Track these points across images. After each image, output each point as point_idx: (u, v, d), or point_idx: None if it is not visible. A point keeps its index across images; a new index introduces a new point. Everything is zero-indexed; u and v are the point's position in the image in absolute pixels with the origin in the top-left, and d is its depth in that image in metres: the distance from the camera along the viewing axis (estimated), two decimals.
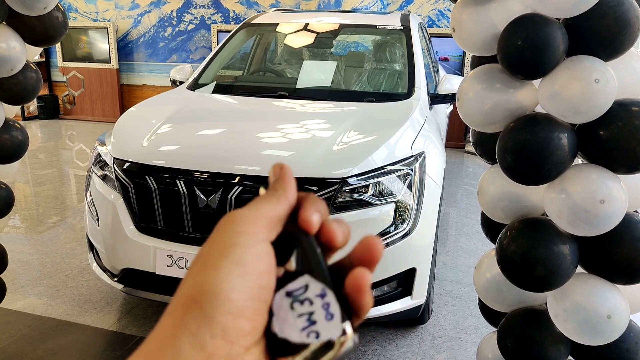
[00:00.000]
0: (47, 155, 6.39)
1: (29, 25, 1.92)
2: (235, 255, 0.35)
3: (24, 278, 3.21)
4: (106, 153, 2.51)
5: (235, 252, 0.35)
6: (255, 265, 0.35)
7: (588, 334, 1.43)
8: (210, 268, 0.34)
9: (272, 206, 0.39)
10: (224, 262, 0.34)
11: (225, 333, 0.33)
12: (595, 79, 1.28)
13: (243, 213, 0.38)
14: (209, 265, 0.35)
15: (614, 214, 1.34)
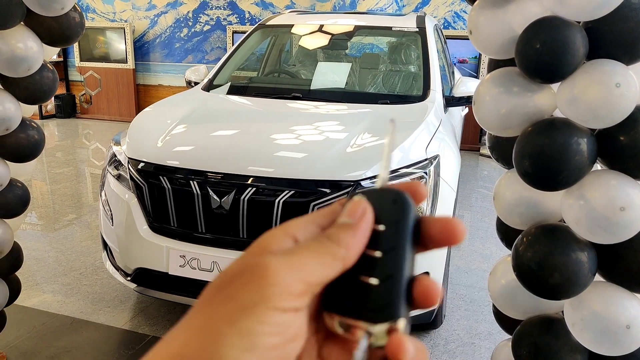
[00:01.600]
0: (63, 153, 6.45)
1: (46, 25, 1.93)
2: (245, 326, 0.29)
3: (39, 275, 3.24)
4: (121, 153, 2.52)
5: (246, 322, 0.29)
6: (268, 340, 0.30)
7: (606, 344, 1.40)
8: (212, 333, 0.29)
9: (320, 269, 0.32)
10: (230, 331, 0.29)
11: None
12: (616, 83, 1.25)
13: (277, 271, 0.31)
14: (212, 328, 0.30)
15: (634, 222, 1.31)
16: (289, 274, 0.31)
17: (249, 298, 0.30)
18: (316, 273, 0.32)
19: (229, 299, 0.30)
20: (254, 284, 0.30)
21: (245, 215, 2.17)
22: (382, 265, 0.34)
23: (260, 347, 0.29)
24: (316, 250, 0.33)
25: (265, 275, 0.31)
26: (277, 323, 0.30)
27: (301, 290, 0.31)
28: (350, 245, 0.33)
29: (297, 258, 0.32)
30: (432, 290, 0.33)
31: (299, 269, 0.31)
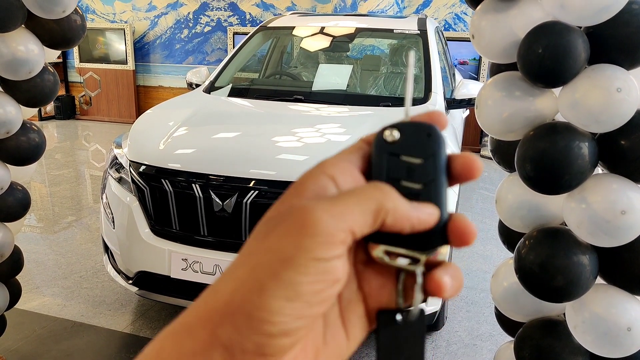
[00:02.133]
0: (63, 155, 6.45)
1: (48, 28, 1.93)
2: (287, 277, 0.30)
3: (39, 278, 3.24)
4: (122, 155, 2.53)
5: (288, 272, 0.30)
6: (311, 288, 0.30)
7: (607, 346, 1.40)
8: (256, 284, 0.30)
9: (363, 219, 0.32)
10: (272, 283, 0.30)
11: (260, 350, 0.30)
12: (617, 88, 1.26)
13: (320, 218, 0.31)
14: (255, 279, 0.30)
15: (635, 225, 1.31)
16: (332, 222, 0.31)
17: (289, 250, 0.30)
18: (360, 222, 0.32)
19: (269, 251, 0.31)
20: (294, 235, 0.31)
21: (247, 218, 2.18)
22: (424, 197, 0.35)
23: (303, 295, 0.30)
24: (362, 198, 0.33)
25: (306, 224, 0.31)
26: (318, 272, 0.30)
27: (343, 238, 0.31)
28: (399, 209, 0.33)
29: (341, 204, 0.32)
30: (468, 229, 0.34)
31: (344, 215, 0.31)
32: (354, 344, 0.36)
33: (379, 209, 0.32)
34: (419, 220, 0.34)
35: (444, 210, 0.35)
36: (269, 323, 0.29)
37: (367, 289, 0.36)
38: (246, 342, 0.30)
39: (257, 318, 0.29)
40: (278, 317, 0.30)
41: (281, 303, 0.30)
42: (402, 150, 0.35)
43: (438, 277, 0.34)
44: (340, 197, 0.32)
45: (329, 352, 0.34)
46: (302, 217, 0.31)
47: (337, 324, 0.35)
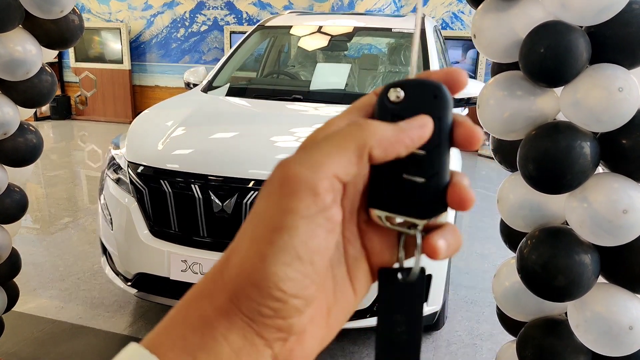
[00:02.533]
0: (59, 156, 6.43)
1: (45, 28, 1.92)
2: (281, 243, 0.30)
3: (36, 280, 3.22)
4: (120, 156, 2.51)
5: (282, 238, 0.31)
6: (310, 246, 0.31)
7: (609, 344, 1.40)
8: (257, 255, 0.31)
9: (350, 158, 0.32)
10: (270, 251, 0.31)
11: (277, 314, 0.31)
12: (618, 88, 1.26)
13: (296, 173, 0.31)
14: (256, 251, 0.31)
15: (636, 224, 1.31)
16: (310, 174, 0.31)
17: (276, 216, 0.31)
18: (343, 164, 0.31)
19: (262, 222, 0.32)
20: (276, 197, 0.31)
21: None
22: (427, 162, 0.34)
23: (301, 255, 0.31)
24: (339, 136, 0.32)
25: (285, 182, 0.31)
26: (310, 229, 0.31)
27: (327, 186, 0.31)
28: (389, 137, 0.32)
29: (317, 152, 0.32)
30: (466, 195, 0.34)
31: (319, 163, 0.31)
32: (360, 298, 0.38)
33: (361, 145, 0.32)
34: (412, 138, 0.33)
35: (445, 176, 0.34)
36: (278, 290, 0.31)
37: (370, 247, 0.37)
38: (262, 308, 0.31)
39: (265, 287, 0.31)
40: (284, 283, 0.31)
41: (284, 269, 0.30)
42: (406, 111, 0.34)
43: (433, 241, 0.34)
44: (316, 145, 0.32)
45: (339, 307, 0.36)
46: (280, 176, 0.31)
47: (346, 281, 0.36)
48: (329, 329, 0.36)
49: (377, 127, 0.32)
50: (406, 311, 0.36)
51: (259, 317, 0.31)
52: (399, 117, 0.34)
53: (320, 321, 0.35)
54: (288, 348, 0.33)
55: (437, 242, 0.34)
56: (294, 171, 0.31)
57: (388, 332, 0.36)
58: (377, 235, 0.36)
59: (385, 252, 0.37)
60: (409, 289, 0.36)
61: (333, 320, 0.36)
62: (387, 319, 0.36)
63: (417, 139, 0.33)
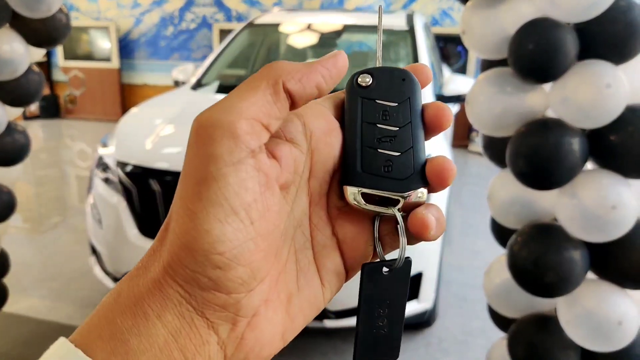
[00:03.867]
0: (48, 155, 6.38)
1: (32, 27, 1.90)
2: (211, 195, 0.28)
3: (25, 280, 3.20)
4: (109, 155, 2.49)
5: (210, 190, 0.28)
6: (240, 199, 0.28)
7: (598, 340, 1.41)
8: (187, 213, 0.28)
9: (266, 97, 0.30)
10: (199, 206, 0.28)
11: (218, 285, 0.28)
12: (606, 84, 1.27)
13: (210, 116, 0.29)
14: (185, 209, 0.28)
15: (625, 220, 1.32)
16: (225, 116, 0.29)
17: (200, 167, 0.28)
18: (259, 104, 0.29)
19: (188, 176, 0.29)
20: (196, 148, 0.29)
21: None
22: (401, 139, 0.34)
23: (236, 209, 0.28)
24: (249, 81, 0.30)
25: (201, 130, 0.29)
26: (239, 179, 0.28)
27: (248, 129, 0.29)
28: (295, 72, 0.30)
29: (229, 97, 0.30)
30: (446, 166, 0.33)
31: (233, 105, 0.29)
32: (330, 292, 0.35)
33: (273, 81, 0.30)
34: (326, 66, 0.32)
35: (421, 153, 0.34)
36: (215, 253, 0.27)
37: (342, 236, 0.34)
38: (200, 278, 0.28)
39: (200, 250, 0.27)
40: (220, 243, 0.27)
41: (218, 226, 0.27)
42: (376, 94, 0.35)
43: (421, 215, 0.32)
44: (230, 93, 0.31)
45: (303, 298, 0.33)
46: (196, 125, 0.29)
47: (312, 270, 0.34)
48: (291, 320, 0.32)
49: (288, 63, 0.31)
50: (389, 305, 0.35)
51: (197, 289, 0.28)
52: (368, 99, 0.35)
53: (277, 306, 0.31)
54: (237, 334, 0.29)
55: (426, 215, 0.32)
56: (207, 117, 0.29)
57: (369, 327, 0.35)
58: (350, 223, 0.34)
59: (359, 241, 0.34)
60: (394, 281, 0.35)
61: (296, 310, 0.33)
62: (369, 314, 0.35)
63: (331, 67, 0.32)
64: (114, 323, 0.28)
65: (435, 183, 0.34)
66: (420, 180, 0.34)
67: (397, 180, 0.34)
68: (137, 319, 0.27)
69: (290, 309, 0.32)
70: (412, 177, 0.34)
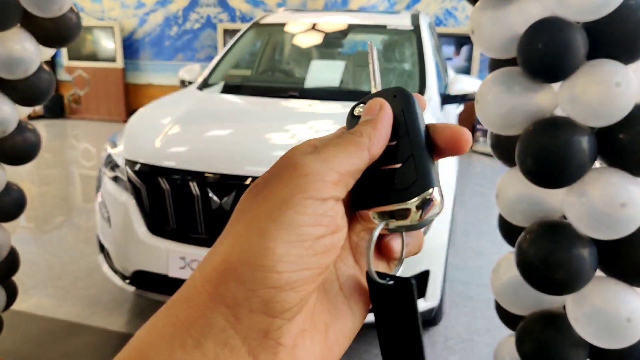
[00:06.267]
0: (53, 155, 6.40)
1: (43, 26, 1.91)
2: (287, 219, 0.29)
3: (33, 279, 3.21)
4: (118, 154, 2.51)
5: (287, 214, 0.29)
6: (312, 231, 0.30)
7: (607, 337, 1.42)
8: (255, 231, 0.29)
9: (348, 159, 0.33)
10: (272, 226, 0.29)
11: (267, 307, 0.28)
12: (616, 83, 1.27)
13: (308, 163, 0.31)
14: (254, 228, 0.30)
15: (634, 218, 1.33)
16: (320, 164, 0.32)
17: (285, 192, 0.30)
18: (345, 163, 0.32)
19: (265, 200, 0.31)
20: (288, 179, 0.31)
21: None
22: (400, 149, 0.35)
23: (305, 237, 0.29)
24: (342, 144, 0.34)
25: (298, 168, 0.31)
26: (317, 213, 0.30)
27: (335, 179, 0.32)
28: (372, 134, 0.34)
29: (325, 152, 0.33)
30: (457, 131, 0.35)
31: (328, 160, 0.32)
32: (359, 320, 0.36)
33: (361, 147, 0.34)
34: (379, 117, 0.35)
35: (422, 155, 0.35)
36: (275, 272, 0.28)
37: (363, 263, 0.36)
38: (252, 297, 0.28)
39: (261, 267, 0.28)
40: (282, 264, 0.28)
41: (284, 247, 0.29)
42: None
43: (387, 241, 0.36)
44: (323, 146, 0.34)
45: (337, 327, 0.34)
46: (293, 165, 0.32)
47: (340, 299, 0.35)
48: (330, 351, 0.33)
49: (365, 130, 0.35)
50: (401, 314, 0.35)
51: (246, 312, 0.28)
52: None
53: (314, 337, 0.32)
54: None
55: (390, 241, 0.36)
56: (305, 161, 0.32)
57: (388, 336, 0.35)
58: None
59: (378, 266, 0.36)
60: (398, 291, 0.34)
61: (332, 340, 0.33)
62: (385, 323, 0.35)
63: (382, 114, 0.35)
64: (147, 356, 0.28)
65: (452, 151, 0.35)
66: (426, 182, 0.34)
67: (403, 190, 0.34)
68: (174, 351, 0.27)
69: (327, 340, 0.33)
70: (416, 183, 0.34)
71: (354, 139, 0.34)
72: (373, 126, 0.35)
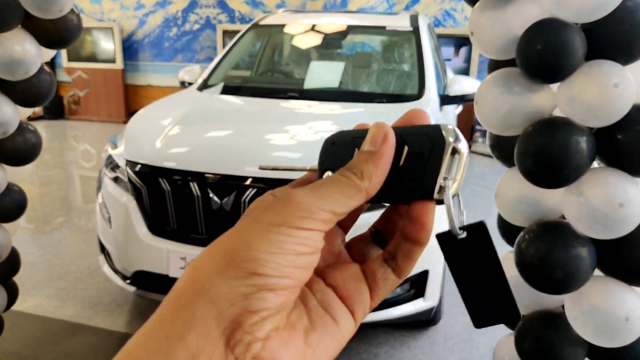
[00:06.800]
0: (52, 156, 6.40)
1: (44, 28, 1.92)
2: (272, 237, 0.32)
3: (34, 279, 3.22)
4: (118, 155, 2.52)
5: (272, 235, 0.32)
6: (295, 247, 0.32)
7: (606, 336, 1.43)
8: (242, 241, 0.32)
9: (345, 201, 0.35)
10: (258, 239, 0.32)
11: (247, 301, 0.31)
12: (614, 84, 1.28)
13: (304, 199, 0.34)
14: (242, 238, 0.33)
15: (632, 217, 1.34)
16: (314, 202, 0.33)
17: (274, 219, 0.33)
18: (340, 204, 0.34)
19: (256, 221, 0.33)
20: (279, 210, 0.33)
21: None
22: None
23: (288, 252, 0.32)
24: (340, 183, 0.35)
25: (292, 202, 0.33)
26: (302, 237, 0.33)
27: (326, 218, 0.34)
28: (372, 176, 0.35)
29: (322, 190, 0.34)
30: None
31: (324, 199, 0.34)
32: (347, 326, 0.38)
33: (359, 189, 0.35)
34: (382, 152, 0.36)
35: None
36: (257, 274, 0.31)
37: (333, 283, 0.38)
38: (234, 292, 0.31)
39: (245, 268, 0.31)
40: (265, 268, 0.31)
41: (267, 256, 0.31)
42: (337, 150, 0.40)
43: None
44: (321, 183, 0.35)
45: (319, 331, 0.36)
46: (288, 198, 0.34)
47: (320, 311, 0.37)
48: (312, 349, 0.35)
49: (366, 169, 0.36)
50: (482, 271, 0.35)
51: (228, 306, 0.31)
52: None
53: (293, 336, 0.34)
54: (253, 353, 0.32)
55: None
56: (300, 197, 0.34)
57: (472, 295, 0.36)
58: (337, 273, 0.39)
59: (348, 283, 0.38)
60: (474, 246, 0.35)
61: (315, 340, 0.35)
62: (464, 283, 0.36)
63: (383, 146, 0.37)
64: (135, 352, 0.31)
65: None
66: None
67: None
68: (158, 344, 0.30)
69: (308, 340, 0.35)
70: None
71: (354, 182, 0.35)
72: (375, 164, 0.36)
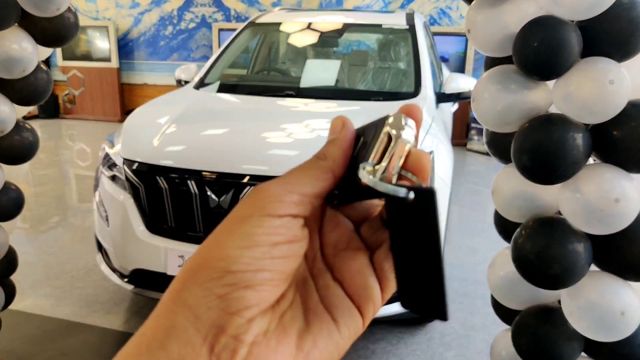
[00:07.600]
0: (47, 155, 6.38)
1: (41, 26, 1.92)
2: (242, 231, 0.32)
3: (30, 278, 3.21)
4: (115, 154, 2.52)
5: (242, 228, 0.32)
6: (267, 238, 0.32)
7: (602, 330, 1.44)
8: (214, 242, 0.33)
9: (311, 182, 0.35)
10: (229, 237, 0.32)
11: (224, 303, 0.30)
12: (609, 80, 1.30)
13: (270, 187, 0.34)
14: (214, 239, 0.33)
15: (628, 213, 1.35)
16: (280, 187, 0.34)
17: (245, 210, 0.33)
18: (307, 185, 0.34)
19: (227, 219, 0.34)
20: (250, 201, 0.34)
21: None
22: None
23: (261, 244, 0.31)
24: (305, 167, 0.35)
25: (259, 190, 0.34)
26: (273, 226, 0.32)
27: (296, 200, 0.33)
28: (334, 155, 0.36)
29: (289, 176, 0.35)
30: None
31: (291, 182, 0.34)
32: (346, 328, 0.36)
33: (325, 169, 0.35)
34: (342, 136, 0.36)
35: None
36: (229, 272, 0.30)
37: (341, 277, 0.37)
38: (209, 295, 0.30)
39: (216, 268, 0.31)
40: (237, 265, 0.31)
41: (238, 252, 0.31)
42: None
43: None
44: (288, 171, 0.36)
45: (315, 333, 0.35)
46: (255, 190, 0.34)
47: (320, 309, 0.36)
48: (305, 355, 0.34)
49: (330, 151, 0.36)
50: (420, 248, 0.31)
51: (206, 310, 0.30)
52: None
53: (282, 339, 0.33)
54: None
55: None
56: (267, 185, 0.34)
57: (405, 272, 0.33)
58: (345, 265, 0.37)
59: (356, 277, 0.37)
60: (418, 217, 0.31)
61: (308, 345, 0.34)
62: (401, 244, 0.33)
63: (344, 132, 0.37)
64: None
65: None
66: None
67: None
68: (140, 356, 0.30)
69: (301, 344, 0.34)
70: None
71: (319, 163, 0.36)
72: (336, 145, 0.36)
